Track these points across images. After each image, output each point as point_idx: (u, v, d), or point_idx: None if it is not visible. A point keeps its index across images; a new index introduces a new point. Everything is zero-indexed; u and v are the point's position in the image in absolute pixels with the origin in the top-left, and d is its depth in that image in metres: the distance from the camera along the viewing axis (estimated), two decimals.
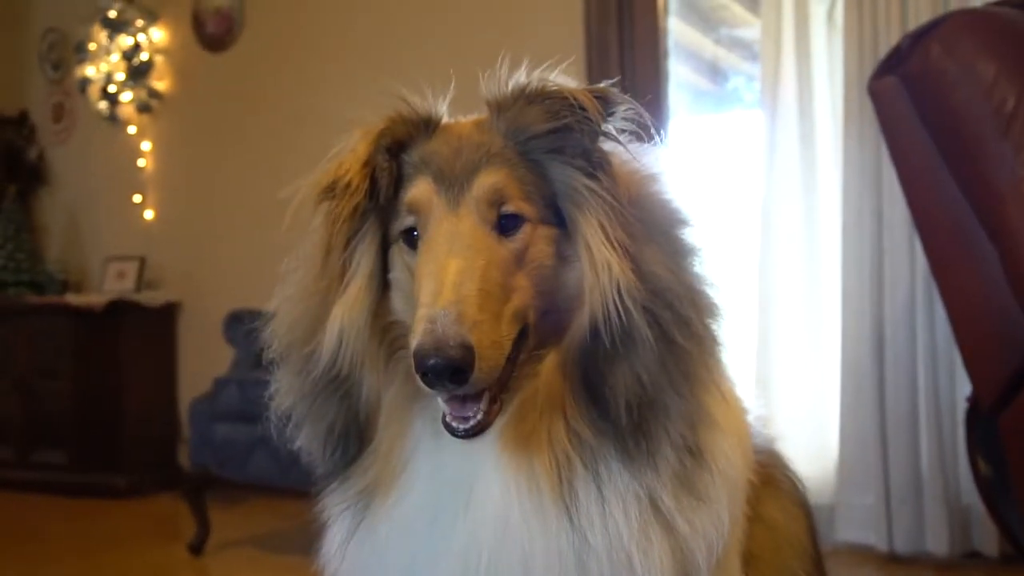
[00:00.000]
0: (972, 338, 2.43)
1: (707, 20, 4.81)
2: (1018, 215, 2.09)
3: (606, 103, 1.25)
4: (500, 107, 1.28)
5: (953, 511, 3.60)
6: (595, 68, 4.43)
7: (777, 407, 3.88)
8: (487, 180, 1.23)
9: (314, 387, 1.29)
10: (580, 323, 1.22)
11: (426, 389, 1.15)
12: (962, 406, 2.91)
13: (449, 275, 1.15)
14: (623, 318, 1.18)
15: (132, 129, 6.15)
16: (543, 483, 1.21)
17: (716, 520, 1.25)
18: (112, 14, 6.08)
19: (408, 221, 1.27)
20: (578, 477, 1.20)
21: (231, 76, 5.81)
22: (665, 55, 4.57)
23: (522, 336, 1.22)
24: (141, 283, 5.93)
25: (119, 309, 5.60)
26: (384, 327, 1.30)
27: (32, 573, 3.74)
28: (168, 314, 5.89)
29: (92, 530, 4.67)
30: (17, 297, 6.10)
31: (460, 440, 1.19)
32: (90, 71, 6.24)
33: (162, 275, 6.01)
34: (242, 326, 4.31)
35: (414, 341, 1.12)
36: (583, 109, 1.22)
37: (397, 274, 1.30)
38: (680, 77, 4.69)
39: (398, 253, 1.29)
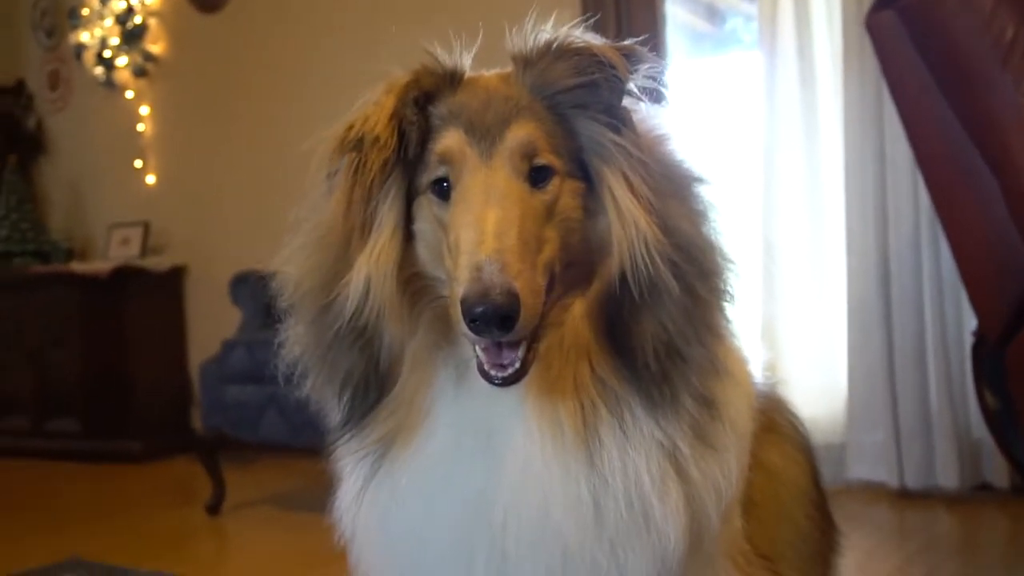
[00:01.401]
0: (976, 271, 2.42)
1: None
2: (1019, 145, 2.08)
3: (632, 60, 1.26)
4: (526, 62, 1.29)
5: (963, 445, 3.62)
6: (591, 11, 4.39)
7: (784, 347, 3.89)
8: (519, 132, 1.24)
9: (334, 336, 1.29)
10: (607, 274, 1.24)
11: (472, 336, 1.15)
12: (969, 340, 2.91)
13: (490, 224, 1.16)
14: (650, 270, 1.20)
15: (129, 94, 6.13)
16: (567, 428, 1.23)
17: (726, 469, 1.27)
18: None
19: (439, 172, 1.27)
20: (603, 422, 1.22)
21: (226, 37, 5.77)
22: None
23: (549, 287, 1.23)
24: (146, 248, 5.94)
25: (125, 275, 5.62)
26: (407, 278, 1.29)
27: (52, 539, 3.78)
28: (174, 278, 5.90)
29: (109, 495, 4.72)
30: (23, 267, 6.11)
31: (496, 388, 1.20)
32: (84, 37, 6.21)
33: (167, 240, 6.01)
34: (248, 287, 4.32)
35: (460, 289, 1.13)
36: (611, 66, 1.23)
37: (423, 225, 1.29)
38: (677, 19, 4.65)
39: (426, 204, 1.28)
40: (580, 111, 1.26)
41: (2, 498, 4.82)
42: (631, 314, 1.22)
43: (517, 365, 1.18)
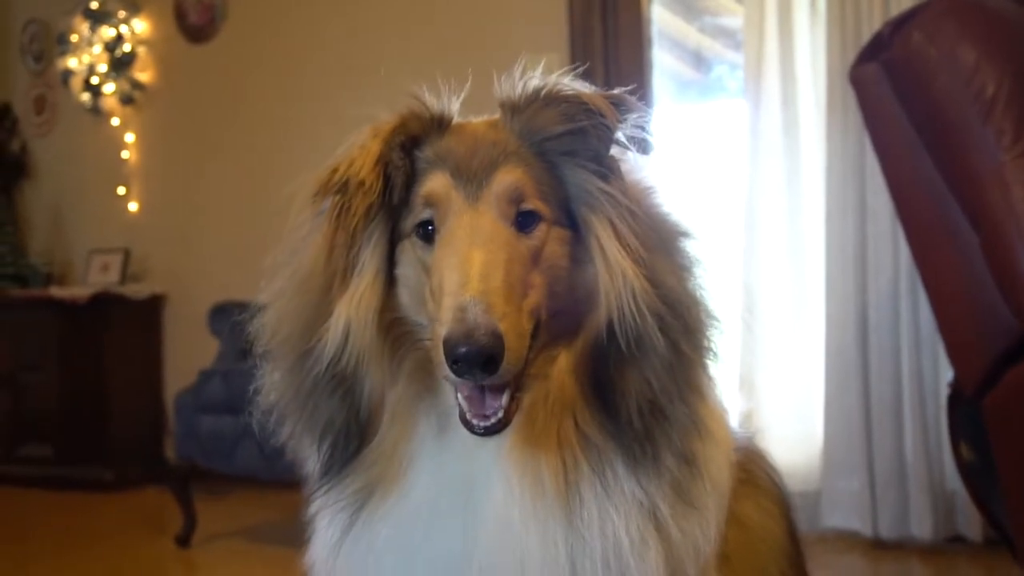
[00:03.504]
0: (954, 324, 2.43)
1: (691, 8, 4.80)
2: (998, 200, 2.10)
3: (621, 109, 1.26)
4: (514, 108, 1.28)
5: (937, 496, 3.63)
6: (579, 57, 4.43)
7: (762, 394, 3.90)
8: (506, 177, 1.23)
9: (313, 384, 1.27)
10: (593, 325, 1.23)
11: (454, 379, 1.13)
12: (946, 392, 2.92)
13: (475, 266, 1.15)
14: (637, 322, 1.19)
15: (115, 121, 6.12)
16: (548, 485, 1.21)
17: (705, 527, 1.26)
18: (94, 5, 6.04)
19: (424, 214, 1.26)
20: (584, 479, 1.21)
21: (214, 67, 5.78)
22: (649, 43, 4.57)
23: (534, 334, 1.21)
24: (126, 275, 5.91)
25: (104, 302, 5.58)
26: (388, 324, 1.28)
27: (20, 568, 3.73)
28: (153, 306, 5.87)
29: (79, 524, 4.66)
30: (1, 291, 6.07)
31: (478, 438, 1.18)
32: (72, 63, 6.19)
33: (147, 267, 5.99)
34: (227, 318, 4.31)
35: (443, 329, 1.11)
36: (600, 114, 1.23)
37: (405, 269, 1.28)
38: (664, 65, 4.69)
39: (409, 248, 1.27)
40: (568, 158, 1.26)
41: None
42: (617, 368, 1.21)
43: (500, 414, 1.16)
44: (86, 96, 6.15)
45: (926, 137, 2.33)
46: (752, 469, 1.48)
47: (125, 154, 6.08)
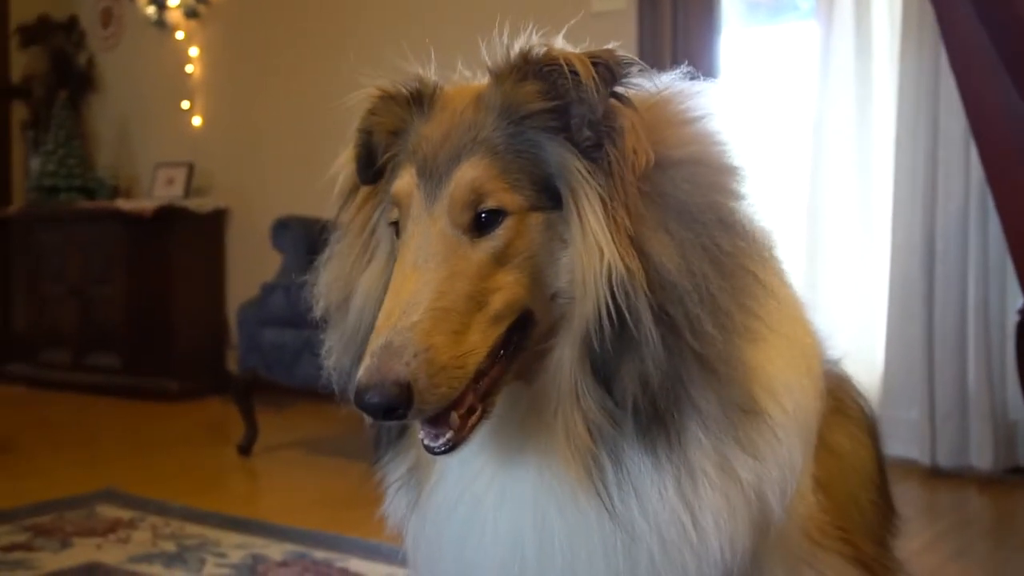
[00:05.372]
0: None
1: None
2: None
3: (609, 71, 1.15)
4: (499, 78, 1.20)
5: (999, 427, 3.59)
6: None
7: (823, 320, 3.86)
8: (465, 176, 1.15)
9: (354, 357, 1.28)
10: (579, 312, 1.15)
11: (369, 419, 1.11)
12: (1012, 321, 2.87)
13: (403, 295, 1.10)
14: (616, 311, 1.11)
15: (180, 35, 6.14)
16: (573, 481, 1.17)
17: (785, 464, 1.20)
18: None
19: (393, 215, 1.24)
20: (607, 473, 1.16)
21: None
22: None
23: (522, 328, 1.17)
24: (190, 189, 5.98)
25: (168, 215, 5.66)
26: None
27: (90, 470, 3.84)
28: (216, 220, 5.94)
29: (146, 431, 4.79)
30: (69, 203, 6.17)
31: (440, 456, 1.16)
32: None
33: (211, 182, 6.05)
34: (289, 232, 4.34)
35: (359, 369, 1.08)
36: (581, 83, 1.13)
37: None
38: None
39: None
40: (550, 134, 1.16)
41: (42, 429, 4.91)
42: (610, 360, 1.13)
43: (448, 435, 1.12)
44: (151, 9, 6.18)
45: (1006, 55, 2.26)
46: (841, 397, 1.46)
47: (189, 68, 6.12)
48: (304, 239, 4.18)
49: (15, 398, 5.92)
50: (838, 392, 1.45)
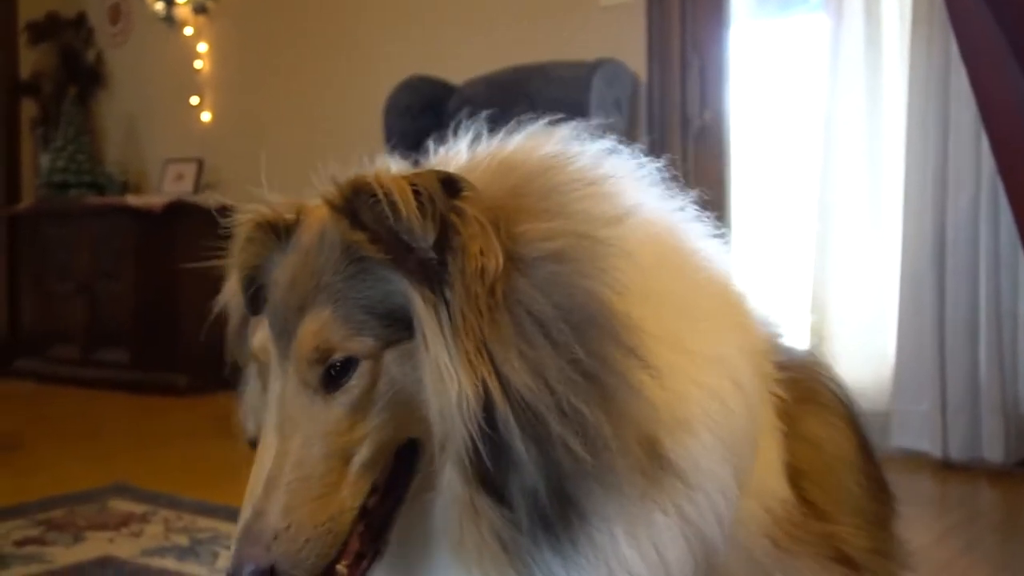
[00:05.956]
0: None
1: None
2: None
3: (431, 199, 1.07)
4: (334, 210, 1.12)
5: (1010, 419, 3.58)
6: None
7: (833, 313, 3.86)
8: (310, 327, 1.10)
9: None
10: (450, 440, 1.08)
11: None
12: None
13: (263, 468, 1.08)
14: (487, 435, 1.05)
15: (188, 31, 6.16)
16: None
17: (715, 490, 1.14)
18: None
19: (256, 372, 1.22)
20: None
21: None
22: None
23: (410, 456, 1.13)
24: (199, 185, 5.99)
25: (178, 210, 5.67)
26: None
27: (99, 462, 3.85)
28: (226, 216, 5.93)
29: (154, 424, 4.81)
30: (79, 198, 6.19)
31: None
32: None
33: (220, 177, 6.05)
34: None
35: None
36: (401, 217, 1.07)
37: None
38: None
39: None
40: (390, 266, 1.09)
41: (52, 424, 4.92)
42: (497, 472, 1.07)
43: None
44: (160, 6, 6.19)
45: (1018, 48, 2.25)
46: (811, 386, 1.41)
47: (198, 64, 6.13)
48: None
49: (24, 394, 5.94)
50: (808, 382, 1.39)
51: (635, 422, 1.08)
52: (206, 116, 6.13)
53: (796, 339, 1.45)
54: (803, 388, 1.37)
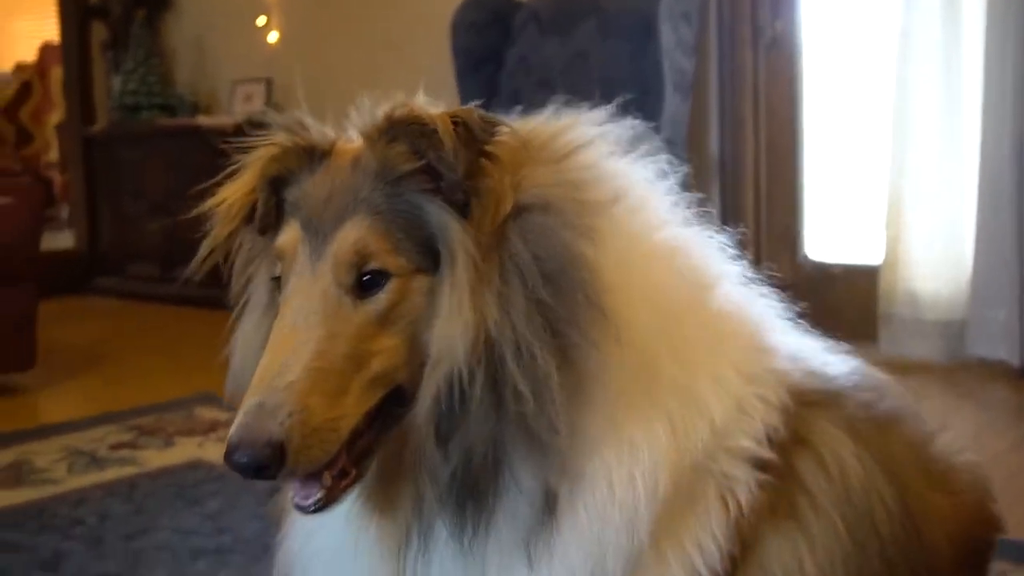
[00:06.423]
0: None
1: None
2: None
3: (469, 131, 1.11)
4: (370, 140, 1.16)
5: None
6: None
7: (910, 221, 3.81)
8: (349, 236, 1.12)
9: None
10: (432, 380, 1.11)
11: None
12: None
13: (281, 354, 1.08)
14: (465, 379, 1.07)
15: None
16: (385, 552, 1.17)
17: (621, 530, 1.12)
18: None
19: (276, 269, 1.21)
20: (412, 549, 1.14)
21: None
22: None
23: (397, 400, 1.14)
24: (269, 105, 6.02)
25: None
26: None
27: (180, 377, 3.97)
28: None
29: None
30: (150, 120, 6.27)
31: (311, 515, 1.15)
32: None
33: (288, 97, 6.08)
34: None
35: (230, 430, 1.06)
36: (441, 143, 1.09)
37: None
38: None
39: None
40: (425, 195, 1.13)
41: (134, 338, 5.08)
42: (452, 425, 1.08)
43: (319, 495, 1.11)
44: None
45: None
46: (808, 428, 1.25)
47: None
48: None
49: (107, 310, 6.11)
50: (800, 427, 1.24)
51: (581, 418, 1.11)
52: (273, 36, 6.14)
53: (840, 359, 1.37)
54: (796, 431, 1.23)
